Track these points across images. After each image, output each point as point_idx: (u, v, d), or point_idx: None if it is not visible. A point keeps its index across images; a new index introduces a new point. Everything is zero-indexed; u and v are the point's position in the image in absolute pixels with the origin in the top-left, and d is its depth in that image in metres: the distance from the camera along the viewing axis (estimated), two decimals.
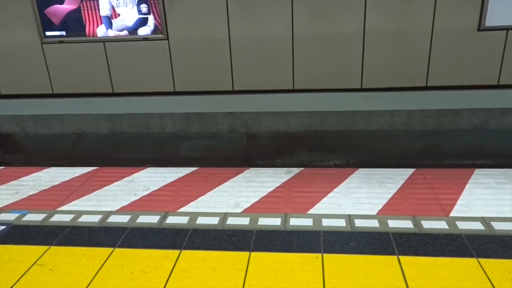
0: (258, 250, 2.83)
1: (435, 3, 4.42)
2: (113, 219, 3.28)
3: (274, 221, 3.15)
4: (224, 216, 3.26)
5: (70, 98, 5.25)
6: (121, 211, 3.41)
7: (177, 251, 2.85)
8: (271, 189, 3.68)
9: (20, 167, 4.52)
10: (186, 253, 2.83)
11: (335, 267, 2.63)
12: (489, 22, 4.41)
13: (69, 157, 5.41)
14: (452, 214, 3.17)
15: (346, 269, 2.62)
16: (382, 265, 2.64)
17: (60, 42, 5.02)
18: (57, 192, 3.78)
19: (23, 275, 2.68)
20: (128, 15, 4.82)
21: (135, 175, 4.08)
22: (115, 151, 5.41)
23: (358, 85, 4.83)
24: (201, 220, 3.21)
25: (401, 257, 2.69)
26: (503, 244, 2.77)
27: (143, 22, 4.83)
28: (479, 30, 4.48)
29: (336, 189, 3.62)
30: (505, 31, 4.45)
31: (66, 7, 4.86)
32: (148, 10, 4.77)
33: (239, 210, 3.35)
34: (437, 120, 4.83)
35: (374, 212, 3.24)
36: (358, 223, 3.09)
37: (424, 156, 4.96)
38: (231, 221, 3.19)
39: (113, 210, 3.43)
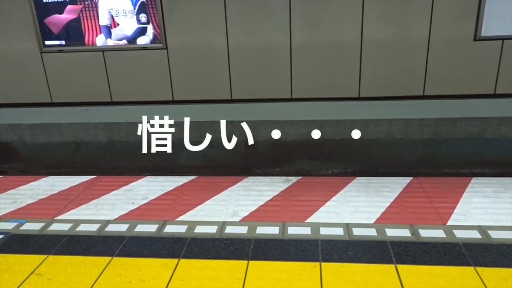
0: (256, 259, 2.83)
1: (432, 13, 4.46)
2: (111, 228, 3.28)
3: (272, 230, 3.16)
4: (222, 225, 3.26)
5: (68, 107, 5.25)
6: (119, 220, 3.41)
7: (175, 260, 2.85)
8: (269, 198, 3.69)
9: (18, 176, 4.53)
10: (184, 262, 2.83)
11: (333, 276, 2.64)
12: (485, 32, 4.46)
13: (67, 166, 5.39)
14: (449, 222, 3.19)
15: (344, 277, 2.62)
16: (380, 274, 2.64)
17: (60, 51, 5.04)
18: (55, 201, 3.78)
19: (20, 284, 2.67)
20: (127, 25, 4.85)
21: (133, 184, 4.09)
22: (113, 160, 5.40)
23: (356, 94, 4.86)
24: (199, 229, 3.21)
25: (398, 266, 2.70)
26: (500, 253, 2.78)
27: (142, 31, 4.86)
28: (475, 40, 4.51)
29: (334, 198, 3.63)
30: (501, 40, 4.49)
31: (66, 16, 4.89)
32: (147, 19, 4.81)
33: (237, 219, 3.35)
34: (435, 129, 4.84)
35: (372, 221, 3.25)
36: (356, 231, 3.10)
37: (422, 165, 4.97)
38: (229, 230, 3.19)
39: (111, 219, 3.43)
